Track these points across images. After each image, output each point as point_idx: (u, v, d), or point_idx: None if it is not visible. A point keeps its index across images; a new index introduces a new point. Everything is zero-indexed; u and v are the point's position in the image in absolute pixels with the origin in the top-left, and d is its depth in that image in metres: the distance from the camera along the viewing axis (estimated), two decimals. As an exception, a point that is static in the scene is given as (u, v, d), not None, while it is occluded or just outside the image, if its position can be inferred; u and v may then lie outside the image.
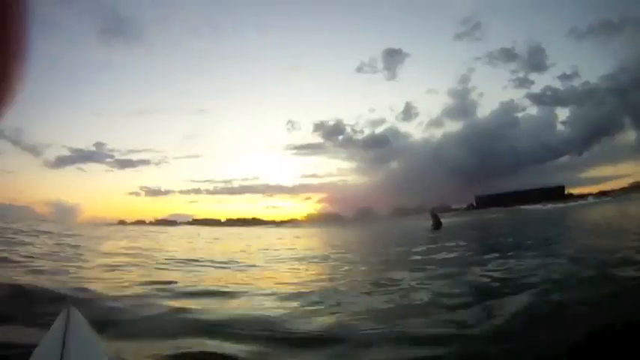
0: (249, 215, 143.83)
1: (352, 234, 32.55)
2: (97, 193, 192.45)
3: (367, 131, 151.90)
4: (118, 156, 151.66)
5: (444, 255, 10.32)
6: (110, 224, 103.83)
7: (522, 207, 68.22)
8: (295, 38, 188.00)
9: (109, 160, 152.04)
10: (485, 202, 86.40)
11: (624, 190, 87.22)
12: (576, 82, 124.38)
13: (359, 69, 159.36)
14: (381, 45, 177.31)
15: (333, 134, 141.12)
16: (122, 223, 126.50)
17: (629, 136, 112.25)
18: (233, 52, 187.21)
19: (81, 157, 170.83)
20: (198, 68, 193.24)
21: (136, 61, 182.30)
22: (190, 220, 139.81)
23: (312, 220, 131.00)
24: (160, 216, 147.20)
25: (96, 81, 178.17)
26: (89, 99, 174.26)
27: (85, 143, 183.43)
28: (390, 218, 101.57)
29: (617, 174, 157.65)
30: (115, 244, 16.54)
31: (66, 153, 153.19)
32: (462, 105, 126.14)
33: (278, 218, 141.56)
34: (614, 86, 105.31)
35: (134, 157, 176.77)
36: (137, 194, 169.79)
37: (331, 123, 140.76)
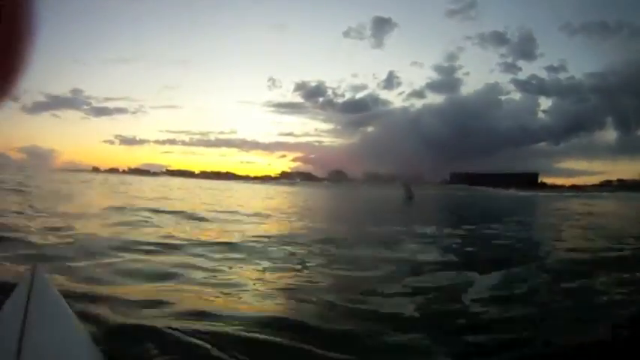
0: (223, 169, 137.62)
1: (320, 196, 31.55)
2: (71, 140, 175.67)
3: (348, 95, 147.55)
4: (94, 103, 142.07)
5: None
6: (84, 170, 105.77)
7: (495, 190, 67.86)
8: None
9: (85, 107, 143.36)
10: (460, 179, 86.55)
11: (595, 187, 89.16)
12: (562, 75, 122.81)
13: (346, 34, 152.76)
14: (371, 12, 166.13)
15: (313, 95, 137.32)
16: (96, 170, 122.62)
17: (609, 135, 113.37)
18: (221, 3, 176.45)
19: (57, 103, 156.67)
20: (183, 17, 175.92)
21: (119, 5, 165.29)
22: (164, 170, 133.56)
23: (285, 178, 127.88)
24: (134, 165, 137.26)
25: (77, 25, 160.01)
26: (69, 43, 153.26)
27: (62, 90, 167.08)
28: (362, 183, 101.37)
29: (590, 170, 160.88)
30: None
31: (42, 99, 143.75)
32: (446, 81, 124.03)
33: (252, 173, 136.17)
34: (600, 85, 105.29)
35: (111, 105, 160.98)
36: (112, 142, 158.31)
37: (313, 84, 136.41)
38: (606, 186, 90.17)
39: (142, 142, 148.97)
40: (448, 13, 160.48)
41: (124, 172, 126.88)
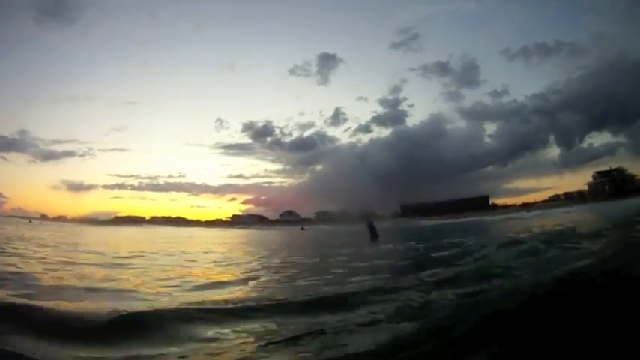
0: (173, 214, 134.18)
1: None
2: (19, 185, 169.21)
3: (295, 134, 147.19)
4: (42, 146, 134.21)
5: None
6: (32, 218, 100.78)
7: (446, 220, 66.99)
8: (232, 36, 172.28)
9: (32, 149, 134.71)
10: (411, 210, 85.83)
11: (545, 203, 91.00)
12: (505, 99, 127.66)
13: (292, 72, 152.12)
14: (317, 49, 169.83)
15: (261, 135, 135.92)
16: (44, 217, 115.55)
17: (552, 152, 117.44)
18: (169, 44, 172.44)
19: (4, 144, 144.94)
20: (132, 58, 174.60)
21: (69, 44, 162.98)
22: (113, 217, 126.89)
23: (236, 222, 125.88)
24: (83, 213, 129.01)
25: (25, 61, 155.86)
26: (17, 81, 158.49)
27: (10, 130, 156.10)
28: (314, 222, 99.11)
29: (539, 187, 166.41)
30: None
31: None
32: (391, 114, 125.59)
33: (203, 218, 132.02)
34: (541, 106, 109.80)
35: (59, 148, 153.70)
36: (58, 188, 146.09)
37: (260, 124, 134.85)
38: (555, 200, 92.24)
39: (90, 187, 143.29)
40: (392, 46, 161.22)
41: (72, 220, 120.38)
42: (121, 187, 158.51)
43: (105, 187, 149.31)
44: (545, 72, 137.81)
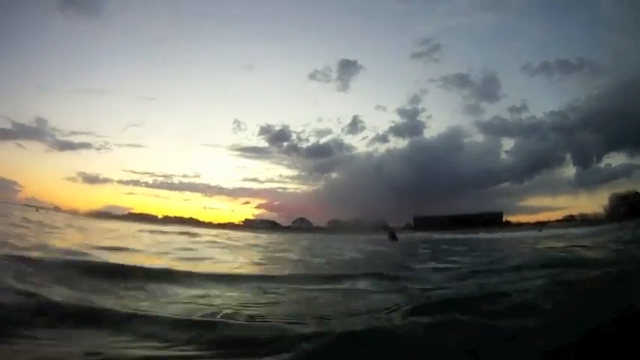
0: (186, 214, 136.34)
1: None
2: (34, 174, 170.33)
3: (312, 140, 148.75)
4: (59, 136, 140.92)
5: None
6: (46, 208, 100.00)
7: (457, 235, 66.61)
8: (254, 36, 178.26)
9: (49, 139, 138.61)
10: (424, 222, 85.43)
11: (559, 222, 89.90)
12: (524, 115, 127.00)
13: (312, 76, 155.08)
14: (338, 55, 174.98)
15: (278, 140, 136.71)
16: (57, 209, 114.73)
17: (569, 171, 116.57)
18: (190, 41, 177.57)
19: (22, 132, 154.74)
20: (152, 54, 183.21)
21: (90, 36, 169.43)
22: (127, 213, 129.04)
23: (248, 226, 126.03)
24: (96, 206, 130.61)
25: (46, 50, 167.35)
26: (37, 70, 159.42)
27: (27, 118, 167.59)
28: (327, 230, 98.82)
29: (554, 206, 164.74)
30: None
31: (7, 126, 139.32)
32: (409, 124, 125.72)
33: (215, 220, 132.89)
34: (560, 123, 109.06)
35: (75, 139, 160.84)
36: (74, 180, 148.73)
37: (277, 128, 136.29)
38: (569, 220, 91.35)
39: (105, 180, 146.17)
40: (413, 56, 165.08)
41: (84, 213, 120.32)
42: (135, 183, 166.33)
43: (120, 182, 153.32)
44: (566, 89, 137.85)
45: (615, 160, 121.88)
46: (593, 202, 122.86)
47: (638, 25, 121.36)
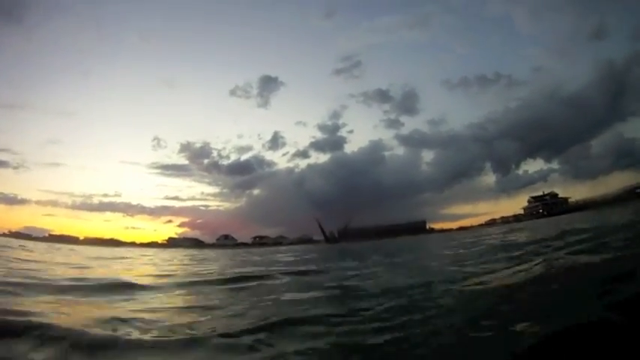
0: (108, 235, 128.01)
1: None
2: None
3: (233, 157, 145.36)
4: None
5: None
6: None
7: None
8: (175, 52, 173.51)
9: None
10: (348, 234, 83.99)
11: (482, 226, 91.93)
12: (443, 128, 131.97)
13: (232, 92, 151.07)
14: (259, 71, 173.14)
15: (199, 157, 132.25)
16: None
17: (489, 178, 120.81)
18: (111, 56, 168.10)
19: None
20: (73, 67, 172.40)
21: (8, 45, 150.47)
22: (47, 235, 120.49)
23: (172, 245, 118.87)
24: (15, 228, 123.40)
25: None
26: None
27: None
28: (252, 246, 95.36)
29: (475, 212, 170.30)
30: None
31: None
32: (330, 139, 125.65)
33: (138, 239, 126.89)
34: (479, 134, 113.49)
35: None
36: None
37: (198, 145, 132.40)
38: (491, 224, 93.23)
39: (22, 201, 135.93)
40: (334, 72, 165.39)
41: (4, 234, 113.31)
42: (54, 204, 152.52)
43: (38, 202, 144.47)
44: (484, 102, 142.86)
45: (532, 166, 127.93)
46: (514, 206, 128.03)
47: (557, 39, 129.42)
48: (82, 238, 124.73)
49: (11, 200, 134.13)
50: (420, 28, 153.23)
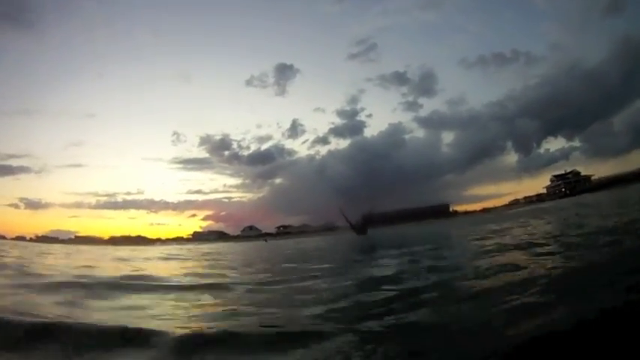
0: (133, 232, 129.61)
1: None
2: None
3: (253, 147, 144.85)
4: None
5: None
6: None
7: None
8: (188, 46, 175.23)
9: None
10: (372, 220, 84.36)
11: (505, 207, 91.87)
12: (462, 108, 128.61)
13: (249, 82, 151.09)
14: (273, 59, 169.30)
15: (219, 149, 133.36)
16: (2, 237, 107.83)
17: (510, 158, 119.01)
18: (125, 56, 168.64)
19: None
20: (88, 69, 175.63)
21: (23, 51, 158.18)
22: (73, 236, 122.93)
23: (197, 238, 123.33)
24: (41, 232, 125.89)
25: None
26: None
27: None
28: (277, 236, 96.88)
29: (498, 192, 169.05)
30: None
31: None
32: (349, 124, 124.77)
33: (163, 235, 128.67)
34: (499, 113, 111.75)
35: (14, 162, 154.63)
36: (17, 206, 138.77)
37: (218, 137, 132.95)
38: (514, 204, 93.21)
39: (47, 205, 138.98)
40: (349, 57, 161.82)
41: (31, 239, 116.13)
42: (79, 205, 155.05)
43: (62, 205, 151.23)
44: (503, 80, 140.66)
45: (554, 144, 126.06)
46: (537, 185, 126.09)
47: (573, 14, 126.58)
48: (107, 237, 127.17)
49: (36, 205, 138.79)
50: (432, 7, 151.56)
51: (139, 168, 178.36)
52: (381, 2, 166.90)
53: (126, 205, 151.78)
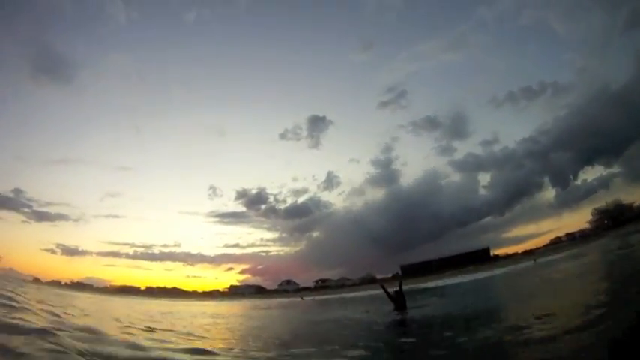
0: (169, 284, 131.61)
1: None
2: (11, 245, 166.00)
3: (290, 201, 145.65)
4: (36, 207, 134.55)
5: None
6: (24, 279, 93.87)
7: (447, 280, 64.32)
8: (222, 101, 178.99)
9: (26, 210, 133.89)
10: (411, 269, 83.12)
11: (547, 247, 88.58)
12: (496, 148, 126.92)
13: (282, 136, 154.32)
14: (306, 112, 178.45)
15: (255, 203, 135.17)
16: (37, 280, 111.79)
17: (549, 194, 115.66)
18: (161, 109, 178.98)
19: None
20: (125, 122, 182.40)
21: (63, 105, 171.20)
22: (108, 285, 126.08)
23: (233, 292, 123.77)
24: (76, 278, 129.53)
25: (21, 118, 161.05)
26: (12, 139, 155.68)
27: (3, 188, 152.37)
28: (314, 291, 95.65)
29: (539, 231, 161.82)
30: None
31: None
32: (384, 174, 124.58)
33: (200, 288, 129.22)
34: (532, 149, 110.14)
35: (52, 210, 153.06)
36: (53, 251, 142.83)
37: (254, 191, 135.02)
38: (557, 243, 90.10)
39: (84, 252, 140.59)
40: (380, 105, 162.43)
41: (65, 285, 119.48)
42: (115, 254, 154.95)
43: (99, 253, 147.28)
44: (533, 115, 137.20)
45: (591, 174, 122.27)
46: (578, 219, 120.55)
47: (594, 36, 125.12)
48: (143, 288, 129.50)
49: (72, 251, 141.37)
50: (457, 49, 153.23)
51: (176, 221, 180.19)
52: (407, 48, 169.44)
53: (162, 256, 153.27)
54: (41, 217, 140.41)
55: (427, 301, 26.66)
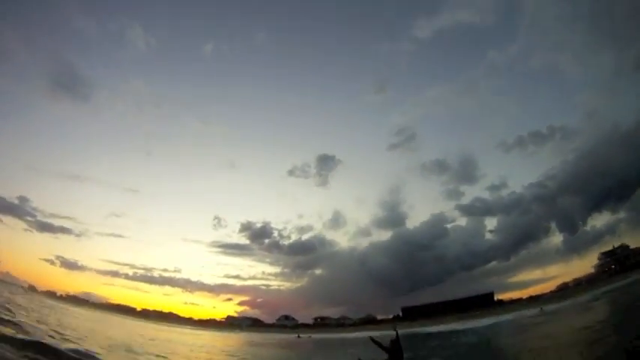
0: (166, 308, 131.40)
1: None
2: (11, 251, 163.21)
3: (294, 237, 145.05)
4: (39, 217, 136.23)
5: None
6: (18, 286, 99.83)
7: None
8: (235, 135, 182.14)
9: (29, 218, 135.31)
10: (413, 312, 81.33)
11: (554, 293, 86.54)
12: (504, 192, 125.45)
13: (291, 172, 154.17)
14: (315, 150, 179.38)
15: (259, 237, 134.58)
16: (32, 289, 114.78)
17: (556, 239, 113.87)
18: (173, 138, 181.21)
19: (2, 206, 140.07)
20: (137, 146, 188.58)
21: (78, 121, 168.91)
22: (105, 302, 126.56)
23: (231, 322, 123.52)
24: (72, 291, 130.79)
25: (35, 130, 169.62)
26: (24, 148, 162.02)
27: (9, 194, 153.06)
28: (312, 328, 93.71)
29: (545, 277, 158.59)
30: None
31: None
32: (391, 216, 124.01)
33: (196, 316, 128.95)
34: (540, 193, 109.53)
35: (56, 222, 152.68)
36: (52, 262, 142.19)
37: (259, 225, 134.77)
38: (563, 289, 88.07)
39: (82, 267, 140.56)
40: (390, 147, 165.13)
41: (61, 297, 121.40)
42: (114, 273, 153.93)
43: (98, 271, 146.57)
44: (541, 159, 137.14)
45: (599, 220, 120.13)
46: (585, 265, 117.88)
47: (604, 77, 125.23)
48: (139, 309, 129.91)
49: (71, 265, 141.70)
50: (467, 93, 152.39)
51: (178, 247, 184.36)
52: (419, 92, 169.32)
53: (162, 280, 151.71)
54: (44, 227, 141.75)
55: (428, 351, 25.86)
